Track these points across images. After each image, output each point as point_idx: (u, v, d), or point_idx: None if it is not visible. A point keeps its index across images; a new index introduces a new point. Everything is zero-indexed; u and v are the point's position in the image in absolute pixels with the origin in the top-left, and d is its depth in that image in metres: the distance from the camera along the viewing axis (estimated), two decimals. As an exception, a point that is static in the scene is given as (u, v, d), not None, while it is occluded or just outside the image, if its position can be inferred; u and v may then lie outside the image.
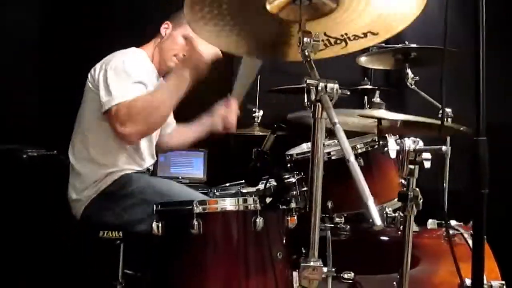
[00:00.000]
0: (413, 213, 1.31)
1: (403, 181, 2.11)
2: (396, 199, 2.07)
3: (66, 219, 2.14)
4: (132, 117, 1.90)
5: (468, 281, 1.71)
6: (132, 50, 2.19)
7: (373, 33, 1.31)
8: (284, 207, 1.51)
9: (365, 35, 1.32)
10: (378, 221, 0.85)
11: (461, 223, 2.04)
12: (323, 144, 1.07)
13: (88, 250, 2.32)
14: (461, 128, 1.33)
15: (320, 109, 1.05)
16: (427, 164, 1.29)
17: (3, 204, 2.31)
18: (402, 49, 2.19)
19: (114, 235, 2.03)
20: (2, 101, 2.47)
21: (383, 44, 2.47)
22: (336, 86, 1.06)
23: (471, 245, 1.81)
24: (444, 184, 2.35)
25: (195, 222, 1.42)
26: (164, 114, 2.02)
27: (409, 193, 1.28)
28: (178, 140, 2.46)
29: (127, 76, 1.98)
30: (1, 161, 2.33)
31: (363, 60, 2.36)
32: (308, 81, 1.06)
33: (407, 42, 2.19)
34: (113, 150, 2.06)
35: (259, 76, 2.93)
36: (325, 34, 1.33)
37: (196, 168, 3.15)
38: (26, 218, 2.37)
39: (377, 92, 2.33)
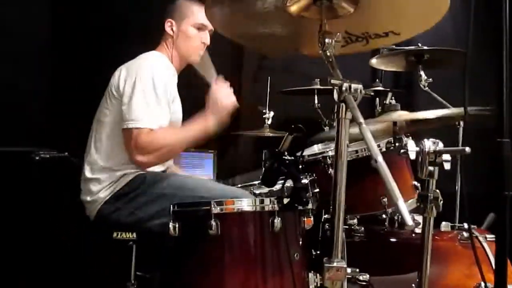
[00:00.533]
0: (433, 214, 1.31)
1: (416, 183, 2.14)
2: (409, 201, 2.09)
3: (79, 220, 2.15)
4: (152, 149, 1.94)
5: (483, 284, 1.71)
6: (157, 57, 2.15)
7: (394, 33, 1.31)
8: (301, 207, 1.50)
9: (386, 34, 1.32)
10: (409, 221, 0.84)
11: (475, 226, 2.04)
12: (347, 145, 1.06)
13: (101, 251, 2.32)
14: (487, 108, 1.30)
15: (344, 109, 1.05)
16: (447, 166, 1.28)
17: (16, 205, 2.32)
18: (415, 51, 2.19)
19: (127, 236, 2.03)
20: (14, 103, 2.47)
21: (394, 46, 2.49)
22: (360, 86, 1.06)
23: (486, 248, 1.84)
24: (457, 187, 2.35)
25: (213, 223, 1.41)
26: (179, 152, 2.10)
27: (429, 194, 1.27)
28: None
29: (155, 98, 1.97)
30: (14, 162, 2.34)
31: (374, 61, 2.36)
32: (332, 81, 1.05)
33: (420, 44, 2.19)
34: None
35: (269, 78, 2.96)
36: (346, 32, 1.33)
37: (205, 169, 3.15)
38: (39, 219, 2.38)
39: (390, 94, 2.33)
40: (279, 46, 1.50)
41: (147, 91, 1.97)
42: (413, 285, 1.40)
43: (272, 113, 2.86)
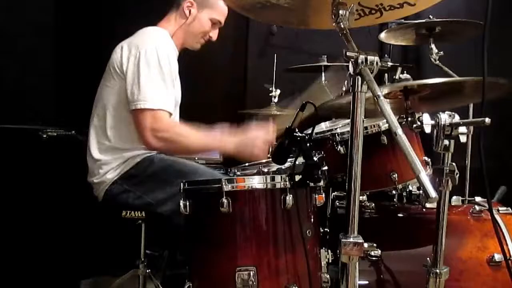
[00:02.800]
0: (449, 188, 1.29)
1: (426, 158, 2.12)
2: (419, 176, 2.08)
3: (87, 199, 2.15)
4: (168, 137, 1.93)
5: (497, 256, 1.71)
6: (159, 33, 2.10)
7: (409, 4, 1.27)
8: (313, 184, 1.49)
9: (401, 5, 1.28)
10: (432, 193, 0.82)
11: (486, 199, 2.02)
12: (363, 120, 1.04)
13: (110, 230, 2.33)
14: (501, 81, 1.27)
15: (360, 82, 1.02)
16: (463, 139, 1.26)
17: (24, 182, 2.32)
18: (426, 24, 2.14)
19: (136, 215, 2.03)
20: (21, 82, 2.45)
21: (402, 20, 2.44)
22: (377, 58, 1.03)
23: (498, 220, 1.83)
24: (467, 161, 2.33)
25: (225, 200, 1.40)
26: (188, 151, 2.06)
27: (445, 167, 1.25)
28: None
29: (163, 80, 1.93)
30: (22, 140, 2.33)
31: (383, 36, 2.31)
32: (348, 53, 1.03)
33: (431, 17, 2.13)
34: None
35: (275, 55, 2.92)
36: (359, 4, 1.29)
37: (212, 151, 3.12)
38: (46, 197, 2.38)
39: (399, 69, 2.29)
40: (286, 18, 1.45)
41: (152, 66, 1.93)
42: (428, 258, 1.38)
43: (278, 91, 2.83)
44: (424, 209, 1.98)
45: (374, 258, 1.76)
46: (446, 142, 1.27)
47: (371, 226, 1.95)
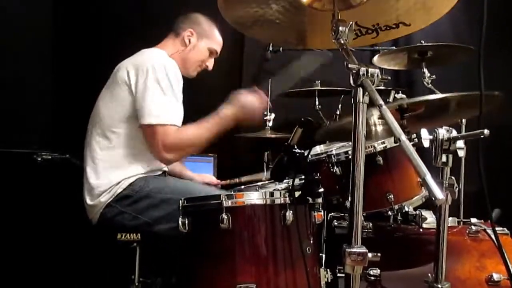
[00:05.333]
0: (448, 202, 1.30)
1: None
2: (415, 197, 2.09)
3: (81, 222, 2.12)
4: (180, 147, 1.95)
5: (496, 276, 1.71)
6: (161, 52, 2.11)
7: (405, 24, 1.31)
8: (312, 201, 1.49)
9: (397, 25, 1.32)
10: (439, 194, 0.83)
11: (482, 220, 2.04)
12: (364, 136, 1.05)
13: (104, 254, 2.29)
14: (495, 93, 1.30)
15: (361, 93, 1.04)
16: (461, 153, 1.28)
17: (18, 205, 2.29)
18: (419, 48, 2.20)
19: (132, 237, 2.00)
20: (16, 104, 2.45)
21: (393, 48, 2.50)
22: (377, 71, 1.05)
23: (495, 240, 1.83)
24: (460, 184, 2.36)
25: (225, 216, 1.40)
26: (201, 148, 2.07)
27: (444, 181, 1.27)
28: None
29: (173, 94, 1.95)
30: (16, 163, 2.32)
31: (376, 60, 2.37)
32: (350, 65, 1.05)
33: (423, 42, 2.20)
34: (138, 153, 2.02)
35: (270, 80, 2.97)
36: (356, 23, 1.33)
37: (206, 173, 3.12)
38: (40, 220, 2.35)
39: (393, 92, 2.34)
40: (284, 37, 1.49)
41: (164, 84, 1.94)
42: (429, 274, 1.37)
43: (273, 115, 2.85)
44: (421, 230, 1.98)
45: (373, 278, 1.75)
46: (444, 157, 1.28)
47: (369, 246, 1.94)
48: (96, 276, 2.41)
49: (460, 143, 1.26)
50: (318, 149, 2.50)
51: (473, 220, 2.06)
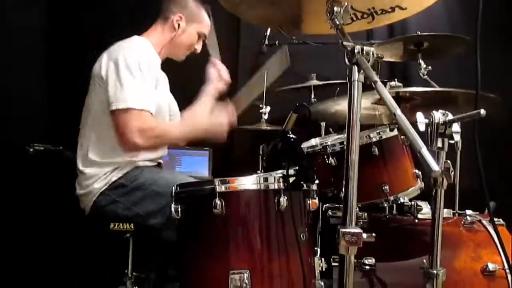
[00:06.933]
0: (444, 187, 1.28)
1: (417, 171, 2.13)
2: (411, 189, 2.08)
3: (72, 213, 2.10)
4: (153, 135, 1.93)
5: (491, 266, 1.70)
6: (139, 40, 2.12)
7: (401, 8, 1.30)
8: (309, 185, 1.47)
9: (392, 9, 1.30)
10: (435, 166, 0.81)
11: (477, 212, 2.03)
12: (360, 108, 1.04)
13: (97, 246, 2.26)
14: (491, 95, 1.30)
15: (356, 71, 1.03)
16: (457, 137, 1.26)
17: (9, 197, 2.26)
18: (414, 39, 2.18)
19: (125, 227, 1.98)
20: (10, 96, 2.43)
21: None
22: (373, 49, 1.04)
23: (490, 231, 1.83)
24: (456, 178, 2.34)
25: (218, 202, 1.38)
26: (168, 144, 2.13)
27: (440, 165, 1.25)
28: None
29: (143, 80, 1.94)
30: (8, 154, 2.29)
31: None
32: (344, 43, 1.04)
33: (418, 32, 2.18)
34: None
35: (266, 73, 2.95)
36: (351, 7, 1.32)
37: (201, 166, 3.11)
38: (32, 212, 2.33)
39: (388, 85, 2.32)
40: (280, 21, 1.47)
41: (134, 71, 1.93)
42: (424, 260, 1.36)
43: (268, 108, 2.84)
44: (416, 220, 1.97)
45: (367, 268, 1.73)
46: (440, 140, 1.26)
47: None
48: (90, 269, 2.39)
49: (456, 127, 1.24)
50: (314, 141, 2.50)
51: (468, 212, 2.06)
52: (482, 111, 1.09)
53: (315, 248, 1.61)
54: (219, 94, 2.34)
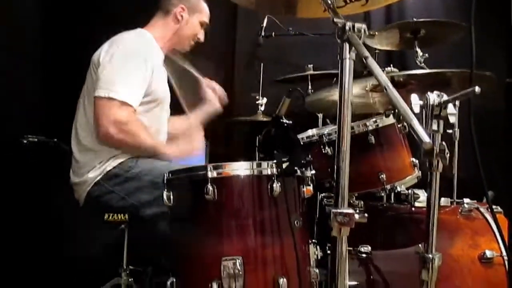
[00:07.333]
0: (439, 169, 1.26)
1: (414, 159, 2.11)
2: (408, 177, 2.06)
3: (67, 203, 2.08)
4: (127, 130, 1.90)
5: (488, 253, 1.68)
6: (139, 33, 2.14)
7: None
8: (303, 171, 1.45)
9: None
10: (426, 138, 0.79)
11: (475, 200, 2.01)
12: (351, 86, 1.01)
13: (91, 236, 2.25)
14: (487, 73, 1.27)
15: (348, 48, 1.00)
16: (452, 119, 1.24)
17: (3, 187, 2.25)
18: (411, 26, 2.16)
19: (119, 217, 1.96)
20: (4, 88, 2.41)
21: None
22: (364, 26, 1.02)
23: (488, 218, 1.81)
24: (454, 169, 2.32)
25: (210, 187, 1.36)
26: (135, 147, 2.01)
27: (435, 147, 1.22)
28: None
29: (135, 73, 1.94)
30: (2, 146, 2.28)
31: (368, 40, 2.33)
32: (335, 19, 1.01)
33: (415, 19, 2.16)
34: None
35: (262, 64, 2.95)
36: (343, -13, 1.30)
37: (198, 158, 3.08)
38: (26, 203, 2.31)
39: (385, 70, 2.30)
40: (273, 5, 1.45)
41: (128, 63, 1.94)
42: (420, 245, 1.34)
43: (265, 99, 2.83)
44: (413, 208, 1.95)
45: (364, 255, 1.71)
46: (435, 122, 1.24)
47: (360, 225, 1.91)
48: (85, 259, 2.37)
49: (451, 108, 1.22)
50: (310, 132, 2.48)
51: (466, 200, 2.03)
52: (477, 88, 1.06)
53: (311, 237, 1.59)
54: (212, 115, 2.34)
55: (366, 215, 1.05)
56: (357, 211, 1.93)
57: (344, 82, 1.00)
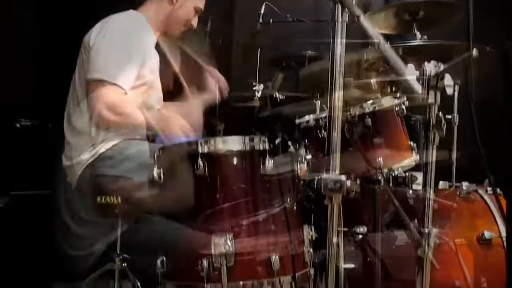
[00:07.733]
0: (436, 142, 1.22)
1: (412, 143, 2.07)
2: (405, 161, 2.03)
3: (58, 187, 2.05)
4: (119, 112, 1.84)
5: (487, 234, 1.65)
6: (132, 15, 2.08)
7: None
8: (296, 147, 1.42)
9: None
10: (419, 87, 0.76)
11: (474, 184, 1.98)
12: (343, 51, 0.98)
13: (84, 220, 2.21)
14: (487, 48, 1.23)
15: (340, 10, 0.97)
16: (449, 91, 1.21)
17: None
18: (410, 8, 2.11)
19: (112, 200, 1.93)
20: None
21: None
22: (356, -14, 0.98)
23: (487, 200, 1.78)
24: (453, 150, 2.29)
25: (200, 163, 1.32)
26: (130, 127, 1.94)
27: (431, 119, 1.19)
28: None
29: (127, 55, 1.90)
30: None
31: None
32: (327, -20, 0.98)
33: (413, -1, 2.11)
34: None
35: (259, 51, 2.91)
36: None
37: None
38: (18, 187, 2.28)
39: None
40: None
41: (119, 44, 1.89)
42: (416, 220, 1.31)
43: (262, 86, 2.79)
44: (411, 191, 1.92)
45: (360, 237, 1.68)
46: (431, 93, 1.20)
47: (357, 207, 1.88)
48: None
49: (448, 79, 1.19)
50: (307, 117, 2.45)
51: (465, 184, 2.01)
52: (475, 52, 1.02)
53: (307, 219, 1.56)
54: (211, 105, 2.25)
55: (358, 182, 1.01)
56: (354, 193, 1.93)
57: (336, 47, 0.97)
